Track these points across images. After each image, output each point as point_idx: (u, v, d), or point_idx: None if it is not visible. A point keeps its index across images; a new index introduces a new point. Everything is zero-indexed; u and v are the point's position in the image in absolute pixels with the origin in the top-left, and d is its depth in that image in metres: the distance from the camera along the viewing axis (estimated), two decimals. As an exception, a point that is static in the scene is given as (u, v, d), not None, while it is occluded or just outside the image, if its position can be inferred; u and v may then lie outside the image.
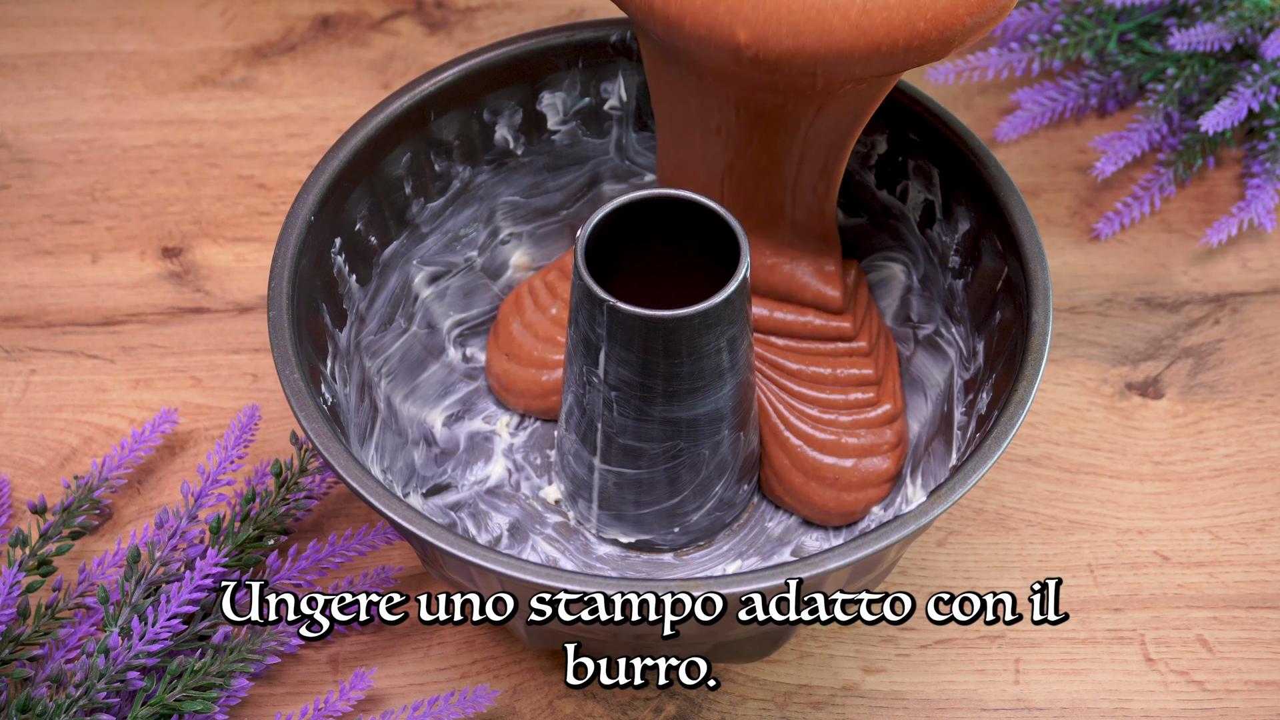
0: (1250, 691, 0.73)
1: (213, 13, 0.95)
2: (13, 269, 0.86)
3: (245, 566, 0.74)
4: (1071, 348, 0.83)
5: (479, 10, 0.95)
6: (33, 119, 0.91)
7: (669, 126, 0.72)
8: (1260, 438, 0.80)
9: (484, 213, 0.79)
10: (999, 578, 0.76)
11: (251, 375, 0.82)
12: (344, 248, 0.73)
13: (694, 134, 0.71)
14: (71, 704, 0.68)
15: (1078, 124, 0.91)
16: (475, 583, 0.65)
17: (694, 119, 0.70)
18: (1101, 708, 0.73)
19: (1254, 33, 0.86)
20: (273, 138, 0.90)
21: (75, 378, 0.82)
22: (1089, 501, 0.78)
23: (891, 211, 0.77)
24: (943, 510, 0.63)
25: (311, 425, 0.65)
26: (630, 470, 0.70)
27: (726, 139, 0.70)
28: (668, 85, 0.70)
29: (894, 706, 0.73)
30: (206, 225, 0.87)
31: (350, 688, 0.71)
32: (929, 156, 0.75)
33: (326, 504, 0.78)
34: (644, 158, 0.80)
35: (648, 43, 0.69)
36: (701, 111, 0.70)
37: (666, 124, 0.72)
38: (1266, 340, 0.83)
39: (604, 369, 0.67)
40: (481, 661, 0.74)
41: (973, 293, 0.74)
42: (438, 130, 0.76)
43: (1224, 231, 0.85)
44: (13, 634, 0.71)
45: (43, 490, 0.78)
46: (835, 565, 0.62)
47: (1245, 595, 0.75)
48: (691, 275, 0.69)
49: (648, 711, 0.72)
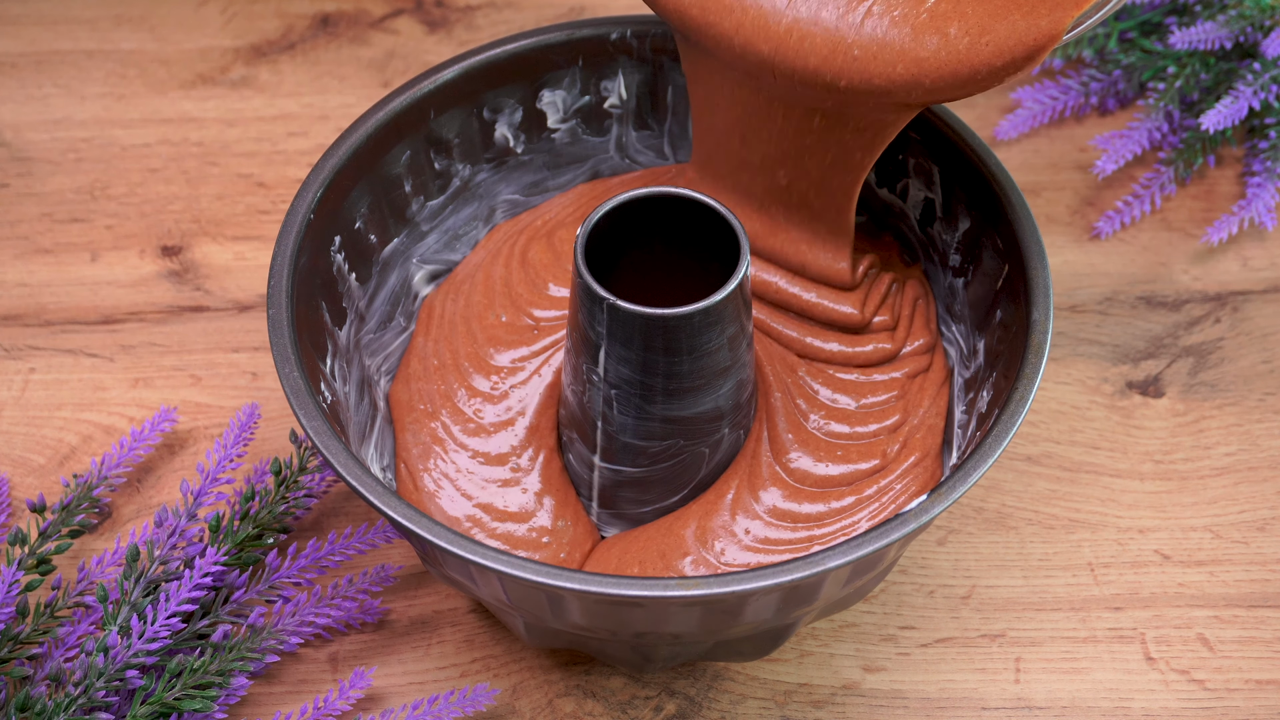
0: (1251, 690, 0.73)
1: (212, 11, 0.95)
2: (12, 268, 0.86)
3: (245, 565, 0.74)
4: (1072, 346, 0.83)
5: (479, 8, 0.95)
6: (32, 117, 0.91)
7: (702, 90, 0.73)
8: (1261, 436, 0.80)
9: (484, 211, 0.79)
10: (999, 576, 0.76)
11: (251, 374, 0.82)
12: (344, 246, 0.73)
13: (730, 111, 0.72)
14: (70, 703, 0.68)
15: (1078, 122, 0.90)
16: (475, 582, 0.65)
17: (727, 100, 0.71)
18: (1102, 707, 0.73)
19: (1254, 31, 0.86)
20: (272, 136, 0.90)
21: (74, 376, 0.82)
22: (1089, 500, 0.78)
23: (892, 209, 0.77)
24: (943, 509, 0.63)
25: (311, 424, 0.65)
26: (630, 469, 0.70)
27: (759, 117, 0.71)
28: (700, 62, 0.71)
29: (894, 705, 0.73)
30: (206, 224, 0.87)
31: (350, 686, 0.71)
32: (929, 155, 0.75)
33: (326, 502, 0.78)
34: (644, 156, 0.80)
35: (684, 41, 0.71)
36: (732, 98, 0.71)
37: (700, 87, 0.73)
38: (1267, 339, 0.83)
39: (604, 367, 0.67)
40: (481, 660, 0.74)
41: (973, 291, 0.74)
42: (437, 128, 0.76)
43: (1224, 230, 0.85)
44: (12, 632, 0.71)
45: (42, 489, 0.78)
46: (835, 564, 0.62)
47: (1246, 594, 0.75)
48: (692, 273, 0.69)
49: (648, 711, 0.72)
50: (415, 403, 0.73)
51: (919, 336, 0.74)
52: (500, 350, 0.75)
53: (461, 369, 0.74)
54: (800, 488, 0.71)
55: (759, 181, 0.73)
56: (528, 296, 0.76)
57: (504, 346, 0.75)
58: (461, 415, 0.73)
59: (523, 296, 0.76)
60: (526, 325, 0.75)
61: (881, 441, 0.72)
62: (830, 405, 0.73)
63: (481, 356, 0.74)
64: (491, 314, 0.75)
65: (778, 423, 0.72)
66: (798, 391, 0.73)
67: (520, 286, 0.76)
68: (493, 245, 0.78)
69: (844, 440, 0.72)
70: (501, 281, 0.76)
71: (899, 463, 0.71)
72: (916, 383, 0.73)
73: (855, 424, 0.72)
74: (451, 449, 0.72)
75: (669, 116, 0.79)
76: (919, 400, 0.73)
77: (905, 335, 0.74)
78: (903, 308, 0.75)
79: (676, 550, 0.69)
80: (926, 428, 0.72)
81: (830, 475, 0.71)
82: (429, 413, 0.73)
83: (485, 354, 0.74)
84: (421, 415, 0.73)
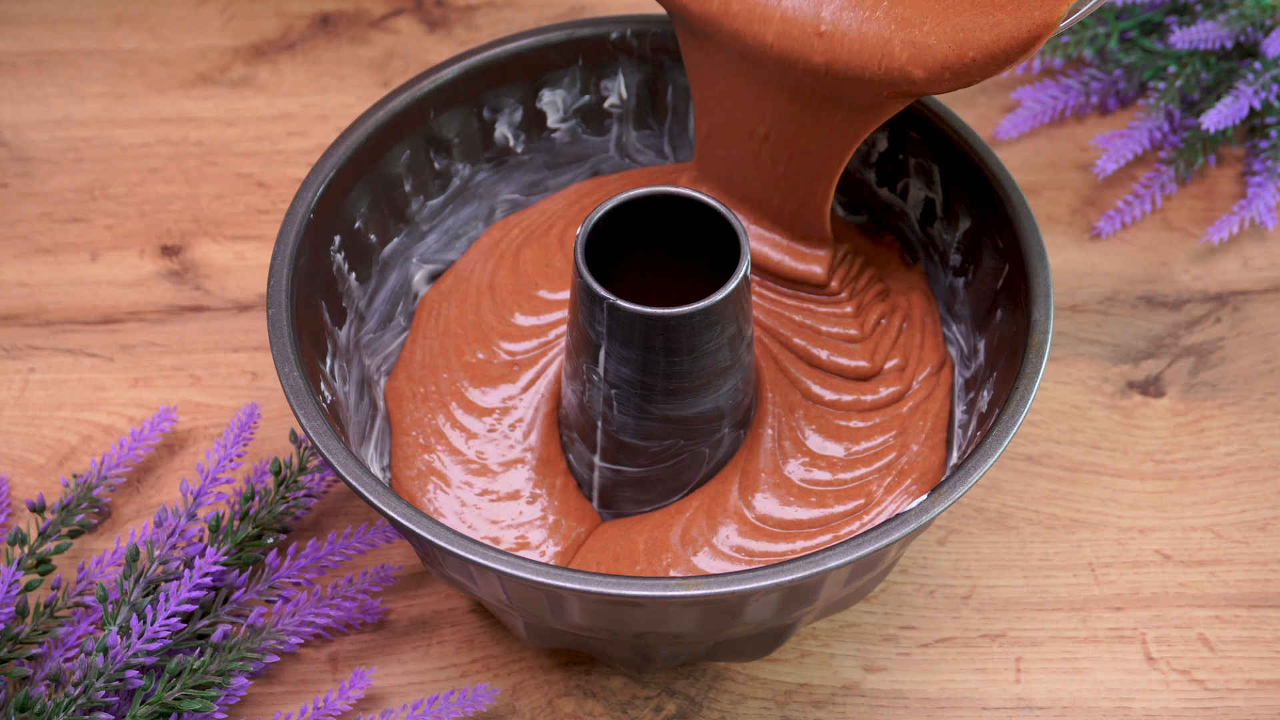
0: (1252, 690, 0.73)
1: (212, 11, 0.95)
2: (11, 267, 0.86)
3: (244, 565, 0.74)
4: (1072, 346, 0.83)
5: (478, 8, 0.95)
6: (31, 117, 0.91)
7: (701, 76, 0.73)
8: (1262, 436, 0.80)
9: (484, 211, 0.79)
10: (1000, 576, 0.76)
11: (251, 373, 0.82)
12: (343, 246, 0.73)
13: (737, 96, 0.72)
14: (70, 703, 0.68)
15: (1079, 122, 0.90)
16: (475, 581, 0.65)
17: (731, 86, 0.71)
18: (1103, 706, 0.72)
19: (1255, 30, 0.86)
20: (272, 136, 0.90)
21: (74, 376, 0.82)
22: (1090, 500, 0.78)
23: (892, 209, 0.77)
24: (943, 509, 0.63)
25: (311, 423, 0.65)
26: (630, 468, 0.70)
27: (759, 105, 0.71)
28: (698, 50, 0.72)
29: (895, 705, 0.73)
30: (206, 223, 0.87)
31: (350, 686, 0.71)
32: (930, 154, 0.75)
33: (326, 502, 0.78)
34: (644, 155, 0.80)
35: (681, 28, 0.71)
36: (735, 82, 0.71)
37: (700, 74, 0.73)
38: (1268, 339, 0.83)
39: (604, 366, 0.67)
40: (481, 660, 0.74)
41: (973, 291, 0.74)
42: (437, 128, 0.76)
43: (1225, 230, 0.85)
44: (11, 633, 0.71)
45: (41, 489, 0.78)
46: (835, 564, 0.62)
47: (1247, 594, 0.75)
48: (692, 272, 0.69)
49: (648, 711, 0.72)
50: (412, 391, 0.74)
51: (928, 363, 0.74)
52: (499, 346, 0.75)
53: (462, 359, 0.74)
54: (761, 527, 0.70)
55: (750, 178, 0.73)
56: (517, 300, 0.76)
57: (503, 341, 0.75)
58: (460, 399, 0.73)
59: (512, 299, 0.76)
60: (521, 328, 0.75)
61: (870, 482, 0.71)
62: (816, 453, 0.72)
63: (478, 354, 0.74)
64: (484, 314, 0.75)
65: (758, 460, 0.71)
66: (787, 433, 0.72)
67: (506, 292, 0.76)
68: (487, 245, 0.77)
69: (822, 486, 0.71)
70: (492, 283, 0.76)
71: (884, 497, 0.71)
72: (918, 412, 0.73)
73: (839, 470, 0.72)
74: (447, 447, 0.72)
75: (669, 116, 0.79)
76: (917, 434, 0.72)
77: (915, 369, 0.74)
78: (910, 345, 0.74)
79: (628, 558, 0.69)
80: (924, 453, 0.71)
81: (799, 519, 0.70)
82: (425, 397, 0.73)
83: (483, 351, 0.74)
84: (421, 399, 0.73)
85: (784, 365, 0.73)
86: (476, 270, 0.77)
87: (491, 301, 0.76)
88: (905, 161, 0.76)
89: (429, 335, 0.75)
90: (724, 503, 0.70)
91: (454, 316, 0.75)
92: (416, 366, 0.74)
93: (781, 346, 0.74)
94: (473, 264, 0.77)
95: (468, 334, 0.75)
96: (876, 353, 0.73)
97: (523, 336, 0.75)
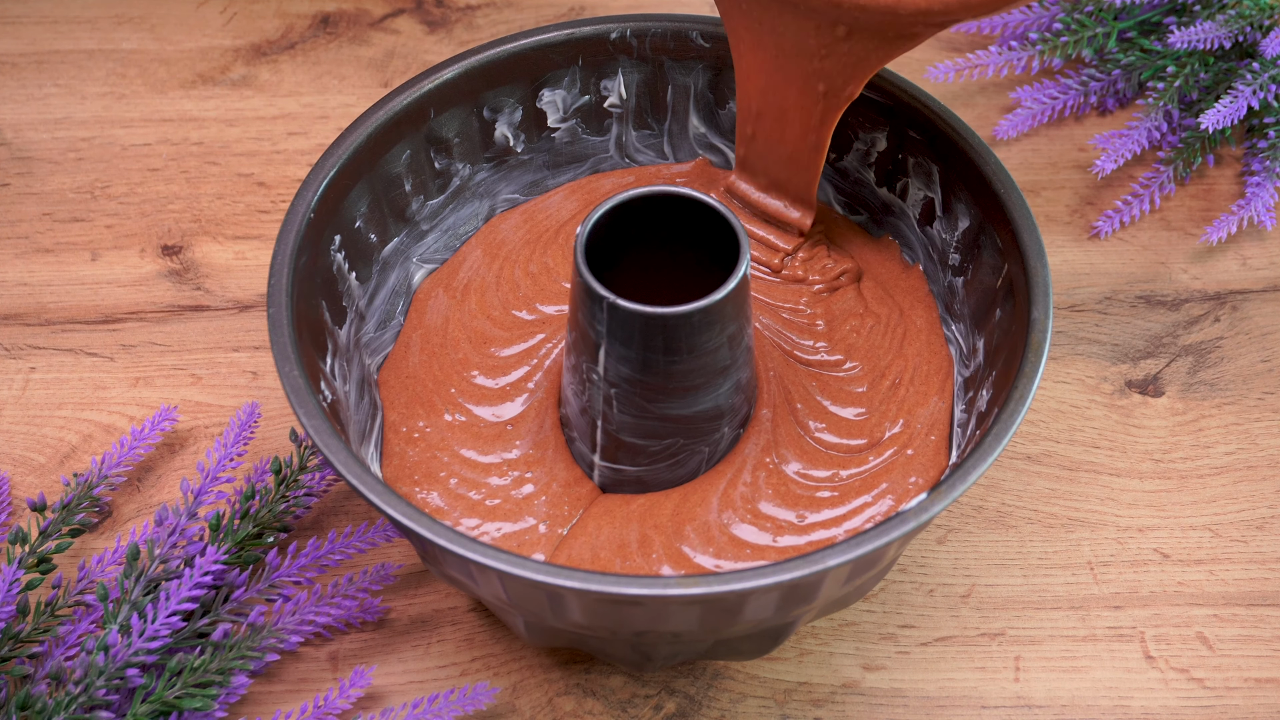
0: (1250, 689, 0.73)
1: (212, 11, 0.95)
2: (12, 267, 0.86)
3: (245, 564, 0.74)
4: (1071, 345, 0.83)
5: (478, 8, 0.95)
6: (32, 117, 0.91)
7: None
8: (1260, 435, 0.80)
9: (484, 210, 0.79)
10: (999, 575, 0.76)
11: (251, 373, 0.82)
12: (343, 245, 0.73)
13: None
14: (71, 701, 0.68)
15: (1078, 122, 0.91)
16: (475, 580, 0.65)
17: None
18: (1101, 705, 0.73)
19: (1253, 31, 0.86)
20: (272, 136, 0.90)
21: (75, 375, 0.82)
22: (1089, 499, 0.78)
23: (891, 209, 0.77)
24: (943, 508, 0.63)
25: (311, 423, 0.65)
26: (630, 467, 0.70)
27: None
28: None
29: (894, 704, 0.73)
30: (206, 223, 0.87)
31: (350, 685, 0.71)
32: (929, 154, 0.75)
33: (326, 501, 0.78)
34: (644, 155, 0.80)
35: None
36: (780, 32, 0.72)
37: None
38: (1266, 338, 0.83)
39: (604, 366, 0.67)
40: (481, 659, 0.74)
41: (973, 290, 0.74)
42: (437, 128, 0.76)
43: (1224, 229, 0.85)
44: (12, 631, 0.71)
45: (42, 488, 0.78)
46: (835, 563, 0.62)
47: (1245, 593, 0.75)
48: (691, 272, 0.69)
49: (648, 709, 0.72)
50: (411, 390, 0.74)
51: (928, 362, 0.74)
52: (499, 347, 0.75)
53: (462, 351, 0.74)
54: (758, 522, 0.70)
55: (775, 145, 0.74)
56: (516, 297, 0.76)
57: (502, 342, 0.75)
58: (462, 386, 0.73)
59: (511, 297, 0.76)
60: (521, 320, 0.75)
61: (868, 479, 0.71)
62: (816, 451, 0.72)
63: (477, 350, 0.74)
64: (483, 311, 0.75)
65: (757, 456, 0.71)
66: (786, 430, 0.72)
67: (505, 289, 0.76)
68: (486, 243, 0.78)
69: (821, 485, 0.71)
70: (493, 280, 0.76)
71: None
72: (917, 413, 0.73)
73: (838, 467, 0.71)
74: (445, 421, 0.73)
75: (669, 116, 0.79)
76: (916, 433, 0.72)
77: (915, 369, 0.74)
78: (911, 346, 0.74)
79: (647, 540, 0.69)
80: (923, 452, 0.71)
81: (795, 520, 0.70)
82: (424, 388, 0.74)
83: (482, 347, 0.75)
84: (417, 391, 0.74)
85: (784, 364, 0.73)
86: (476, 268, 0.77)
87: (490, 298, 0.76)
88: (905, 161, 0.76)
89: (427, 333, 0.75)
90: (730, 494, 0.70)
91: (452, 314, 0.75)
92: (414, 364, 0.74)
93: (780, 346, 0.74)
94: (472, 262, 0.77)
95: (466, 332, 0.75)
96: (877, 428, 0.73)
97: (522, 335, 0.75)
